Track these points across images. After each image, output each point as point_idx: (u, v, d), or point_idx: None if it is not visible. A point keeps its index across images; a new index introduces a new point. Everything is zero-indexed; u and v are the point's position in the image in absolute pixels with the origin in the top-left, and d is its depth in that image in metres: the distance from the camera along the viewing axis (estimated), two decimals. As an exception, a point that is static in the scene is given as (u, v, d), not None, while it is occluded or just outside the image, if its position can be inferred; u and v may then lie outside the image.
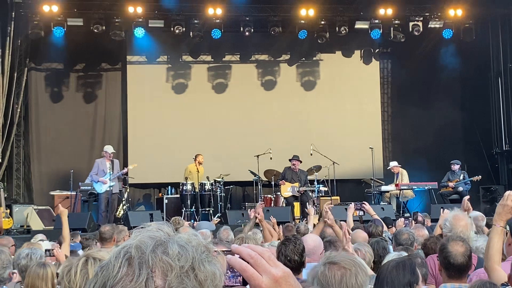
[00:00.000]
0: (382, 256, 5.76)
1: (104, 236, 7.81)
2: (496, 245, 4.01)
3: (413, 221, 10.70)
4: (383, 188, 16.33)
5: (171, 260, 1.25)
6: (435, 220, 12.16)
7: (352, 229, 7.79)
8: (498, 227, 4.08)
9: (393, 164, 16.66)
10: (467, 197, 6.78)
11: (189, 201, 15.45)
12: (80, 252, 7.37)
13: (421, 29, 17.69)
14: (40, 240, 8.96)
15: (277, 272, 1.40)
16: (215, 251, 1.37)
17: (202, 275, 1.28)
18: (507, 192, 4.17)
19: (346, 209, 8.71)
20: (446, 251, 4.28)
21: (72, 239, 9.05)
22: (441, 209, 8.62)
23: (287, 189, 15.51)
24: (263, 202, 13.66)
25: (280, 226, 9.65)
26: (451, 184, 16.02)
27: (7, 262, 4.78)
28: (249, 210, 11.26)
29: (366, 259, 5.29)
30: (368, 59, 19.53)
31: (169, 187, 16.86)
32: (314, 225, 9.32)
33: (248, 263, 1.40)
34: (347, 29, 17.70)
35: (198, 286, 1.26)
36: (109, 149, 14.79)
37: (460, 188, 15.81)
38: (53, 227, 13.46)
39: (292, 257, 4.27)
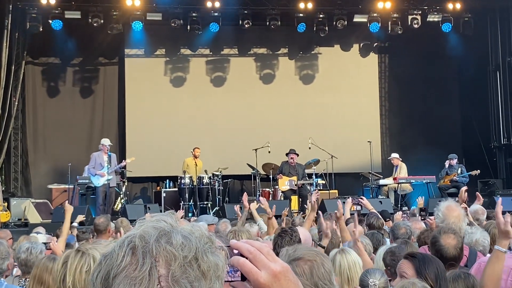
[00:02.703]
0: (376, 249, 5.77)
1: (99, 228, 7.81)
2: (494, 272, 3.68)
3: (419, 216, 10.66)
4: (381, 181, 16.35)
5: (174, 250, 1.25)
6: (432, 214, 12.18)
7: (348, 223, 7.78)
8: (500, 251, 3.73)
9: (394, 155, 16.65)
10: (465, 188, 6.71)
11: (187, 194, 15.45)
12: (77, 245, 7.37)
13: (420, 23, 17.68)
14: (36, 232, 8.95)
15: (276, 267, 1.40)
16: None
17: (205, 265, 1.28)
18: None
19: (344, 203, 8.71)
20: (438, 244, 4.28)
21: (70, 232, 9.04)
22: (439, 203, 8.62)
23: (284, 183, 15.52)
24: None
25: (278, 219, 9.66)
26: (448, 180, 16.03)
27: (5, 254, 4.77)
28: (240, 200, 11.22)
29: (366, 251, 5.29)
30: (367, 53, 19.53)
31: (167, 180, 16.87)
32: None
33: (246, 258, 1.39)
34: (345, 23, 17.68)
35: (201, 276, 1.26)
36: (106, 141, 14.74)
37: (457, 180, 15.86)
38: (50, 220, 13.46)
39: None
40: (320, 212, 7.00)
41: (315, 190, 12.61)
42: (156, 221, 1.32)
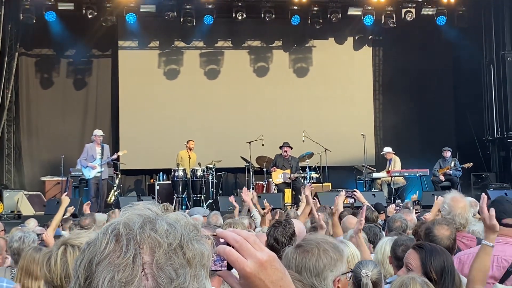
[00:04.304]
0: (372, 242, 5.76)
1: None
2: (482, 266, 3.74)
3: (413, 210, 10.65)
4: (375, 175, 16.37)
5: (159, 237, 1.24)
6: (426, 207, 12.20)
7: (343, 216, 7.78)
8: (488, 246, 3.78)
9: (387, 150, 16.66)
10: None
11: (180, 187, 15.45)
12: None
13: (414, 16, 17.69)
14: (22, 225, 8.92)
15: (262, 256, 1.39)
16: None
17: (190, 253, 1.27)
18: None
19: (337, 195, 8.71)
20: (432, 235, 4.31)
21: (62, 225, 9.03)
22: (434, 196, 8.64)
23: (278, 176, 15.53)
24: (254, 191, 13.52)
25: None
26: (442, 174, 16.07)
27: None
28: (239, 192, 11.24)
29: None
30: (361, 46, 19.53)
31: (161, 173, 16.85)
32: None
33: (233, 247, 1.39)
34: (339, 16, 17.66)
35: (186, 264, 1.25)
36: (98, 132, 14.63)
37: (451, 174, 15.92)
38: (43, 212, 13.44)
39: (281, 239, 4.24)
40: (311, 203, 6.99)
41: (308, 183, 12.58)
42: (141, 209, 1.31)
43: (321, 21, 17.76)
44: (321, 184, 15.99)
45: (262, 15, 17.51)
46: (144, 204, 1.33)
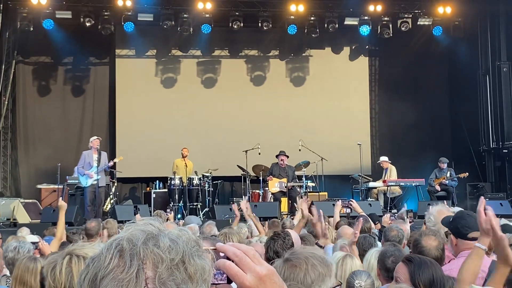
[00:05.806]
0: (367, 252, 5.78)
1: (90, 232, 7.75)
2: (473, 268, 3.72)
3: (407, 219, 10.67)
4: (371, 184, 16.36)
5: (162, 252, 1.27)
6: (421, 217, 12.23)
7: (338, 225, 7.82)
8: (480, 248, 3.78)
9: (383, 159, 16.66)
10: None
11: (177, 195, 15.42)
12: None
13: (410, 26, 17.79)
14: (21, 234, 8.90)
15: (262, 270, 1.42)
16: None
17: (192, 268, 1.30)
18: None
19: (333, 205, 8.74)
20: (420, 246, 4.34)
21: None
22: (429, 206, 8.65)
23: (274, 185, 15.52)
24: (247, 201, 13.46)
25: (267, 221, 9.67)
26: (438, 184, 16.08)
27: None
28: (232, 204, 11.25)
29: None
30: (357, 56, 19.58)
31: (157, 181, 16.83)
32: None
33: (233, 261, 1.41)
34: (336, 25, 17.73)
35: (187, 279, 1.28)
36: (93, 138, 14.53)
37: (446, 184, 15.95)
38: (39, 220, 13.40)
39: (281, 252, 4.26)
40: (320, 212, 6.99)
41: (305, 197, 12.52)
42: (143, 224, 1.34)
43: (318, 30, 17.83)
44: (317, 193, 16.00)
45: (259, 25, 17.57)
46: (146, 219, 1.37)
